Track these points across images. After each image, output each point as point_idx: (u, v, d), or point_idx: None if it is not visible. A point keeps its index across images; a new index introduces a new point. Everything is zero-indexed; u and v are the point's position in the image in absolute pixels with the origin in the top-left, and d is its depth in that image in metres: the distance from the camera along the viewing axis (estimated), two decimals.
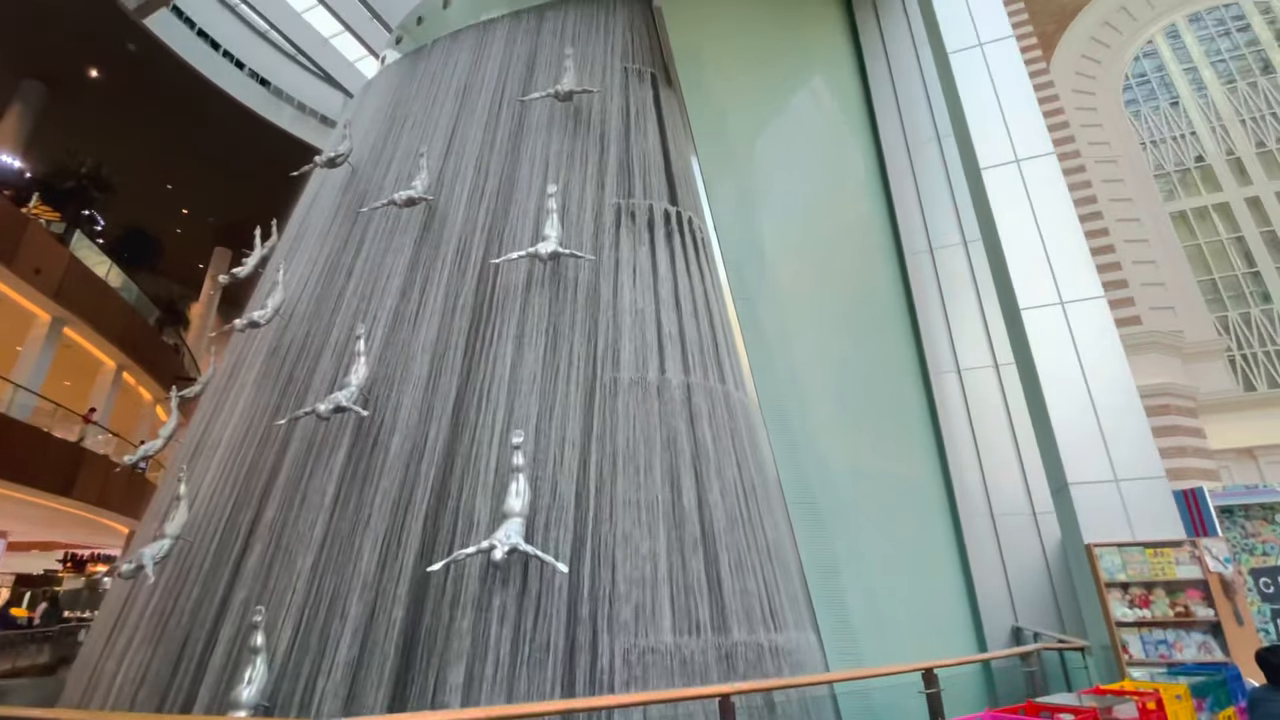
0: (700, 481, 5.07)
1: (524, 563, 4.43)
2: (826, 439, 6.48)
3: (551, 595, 4.38)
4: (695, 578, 4.66)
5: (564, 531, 4.63)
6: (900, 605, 6.07)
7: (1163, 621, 4.27)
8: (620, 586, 4.48)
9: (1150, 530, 4.67)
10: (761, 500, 5.33)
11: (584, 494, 4.84)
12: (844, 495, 6.39)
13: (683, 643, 4.41)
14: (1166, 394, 8.53)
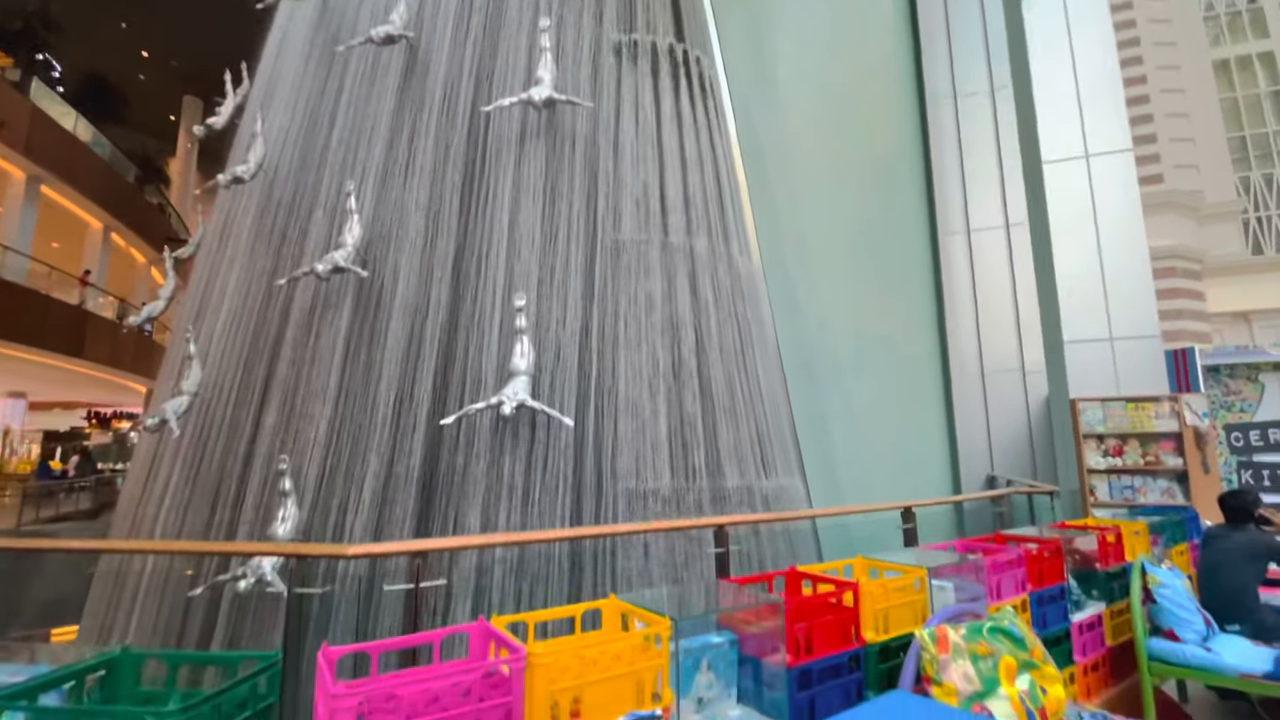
0: (700, 344, 5.17)
1: (531, 417, 4.65)
2: (828, 301, 6.50)
3: (558, 446, 4.65)
4: (692, 432, 4.92)
5: (568, 389, 4.80)
6: (885, 458, 6.44)
7: (1132, 469, 4.56)
8: (622, 438, 4.75)
9: (1136, 386, 4.83)
10: (760, 362, 5.46)
11: (586, 355, 4.96)
12: (841, 356, 6.54)
13: (680, 486, 4.76)
14: (1175, 256, 8.41)
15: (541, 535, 3.59)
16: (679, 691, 1.75)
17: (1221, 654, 2.60)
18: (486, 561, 4.20)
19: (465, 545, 3.67)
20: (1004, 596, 2.52)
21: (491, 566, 4.22)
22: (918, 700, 1.75)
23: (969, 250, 6.65)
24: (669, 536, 4.39)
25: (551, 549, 4.29)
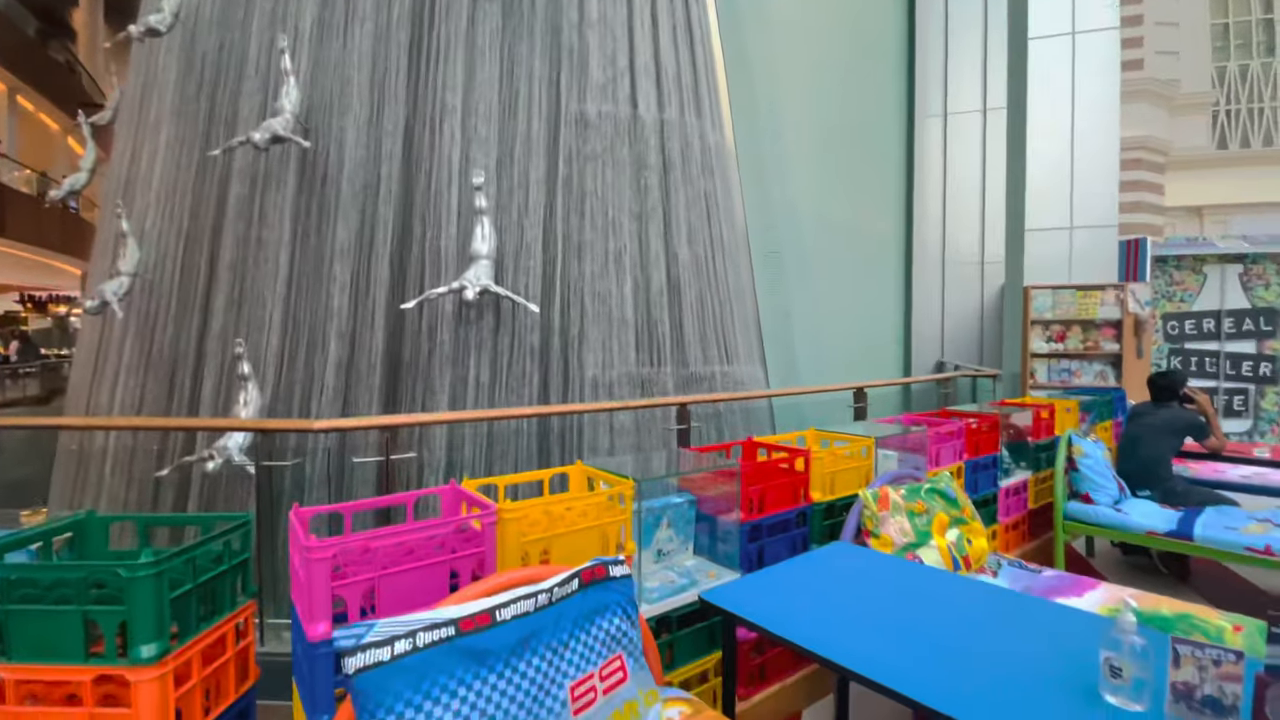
0: (669, 229, 5.06)
1: (496, 303, 4.59)
2: (800, 186, 6.36)
3: (524, 332, 4.63)
4: (659, 319, 4.94)
5: (533, 275, 4.71)
6: (842, 344, 6.63)
7: (1072, 354, 4.82)
8: (589, 325, 4.75)
9: (1087, 275, 5.00)
10: (728, 250, 5.41)
11: (551, 238, 4.82)
12: (808, 245, 6.52)
13: (646, 373, 4.85)
14: (1143, 147, 8.40)
15: (508, 412, 3.66)
16: (641, 544, 1.88)
17: (1130, 515, 2.91)
18: (457, 439, 4.29)
19: (432, 421, 3.73)
20: (942, 464, 2.72)
21: (462, 444, 4.32)
22: (856, 549, 1.92)
23: (944, 135, 6.50)
24: (635, 416, 4.53)
25: (521, 427, 4.39)
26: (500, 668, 1.12)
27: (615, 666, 1.28)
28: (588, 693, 1.21)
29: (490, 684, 1.10)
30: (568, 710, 1.17)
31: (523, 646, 1.16)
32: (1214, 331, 5.29)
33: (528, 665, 1.15)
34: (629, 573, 1.39)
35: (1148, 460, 3.22)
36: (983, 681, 1.19)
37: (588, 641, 1.25)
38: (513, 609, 1.20)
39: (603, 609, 1.31)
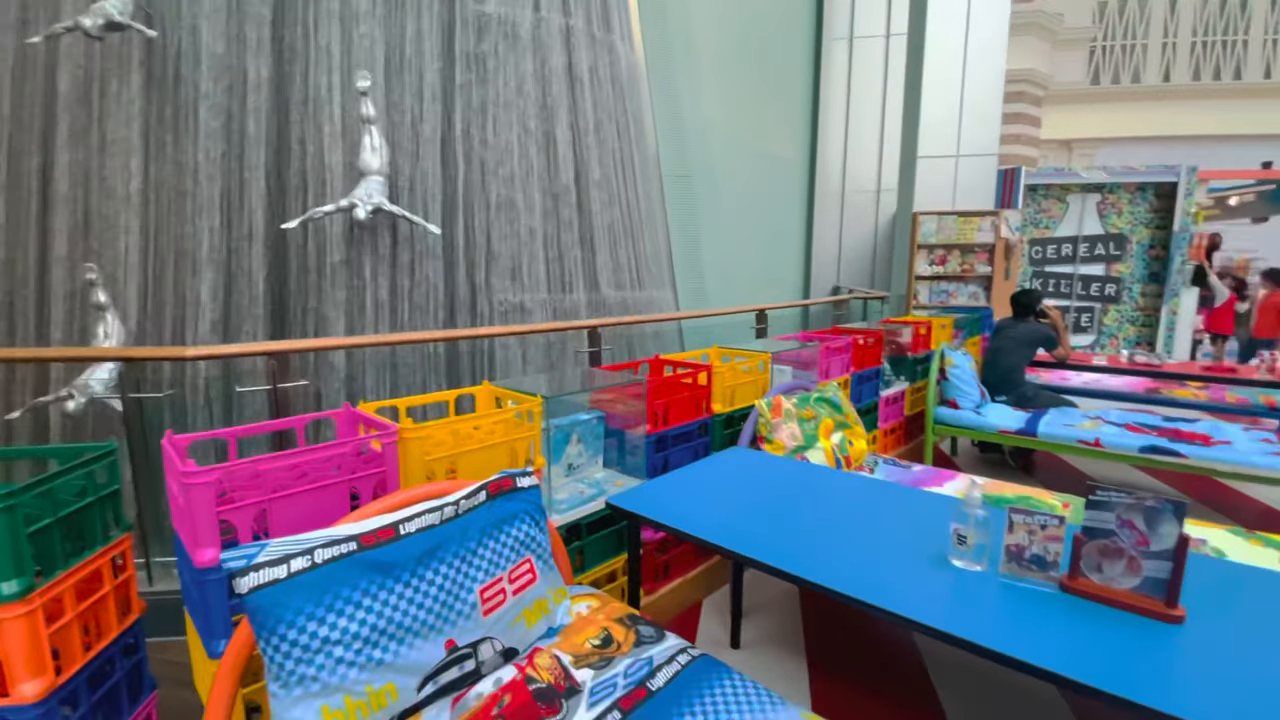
0: (578, 147, 4.86)
1: (392, 223, 4.29)
2: (710, 109, 6.28)
3: (426, 257, 4.38)
4: (570, 242, 4.82)
5: (432, 193, 4.42)
6: (748, 270, 6.82)
7: (950, 276, 5.23)
8: (496, 250, 4.56)
9: (969, 202, 5.36)
10: (640, 172, 5.30)
11: (451, 154, 4.50)
12: (717, 169, 6.52)
13: (557, 298, 4.77)
14: (1026, 80, 8.86)
15: (405, 337, 3.53)
16: (550, 459, 1.92)
17: (987, 417, 3.29)
18: (357, 367, 4.09)
19: (320, 346, 3.52)
20: (832, 376, 2.92)
21: (363, 373, 4.13)
22: (751, 453, 2.06)
23: (849, 60, 6.56)
24: (547, 340, 4.50)
25: (428, 354, 4.24)
26: (406, 577, 1.14)
27: (525, 569, 1.34)
28: (497, 595, 1.26)
29: (397, 593, 1.12)
30: (477, 611, 1.22)
31: (429, 556, 1.18)
32: (1071, 255, 5.89)
33: (435, 574, 1.17)
34: (536, 483, 1.42)
35: (1006, 369, 3.62)
36: (854, 557, 1.35)
37: (496, 548, 1.29)
38: (417, 523, 1.20)
39: (511, 517, 1.34)
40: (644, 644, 1.32)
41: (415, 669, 1.11)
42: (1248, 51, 8.88)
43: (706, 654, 1.31)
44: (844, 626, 2.16)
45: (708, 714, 1.13)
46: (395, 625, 1.10)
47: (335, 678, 1.02)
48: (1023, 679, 1.90)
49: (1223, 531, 1.85)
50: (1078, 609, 1.12)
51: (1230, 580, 1.28)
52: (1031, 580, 1.18)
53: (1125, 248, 5.69)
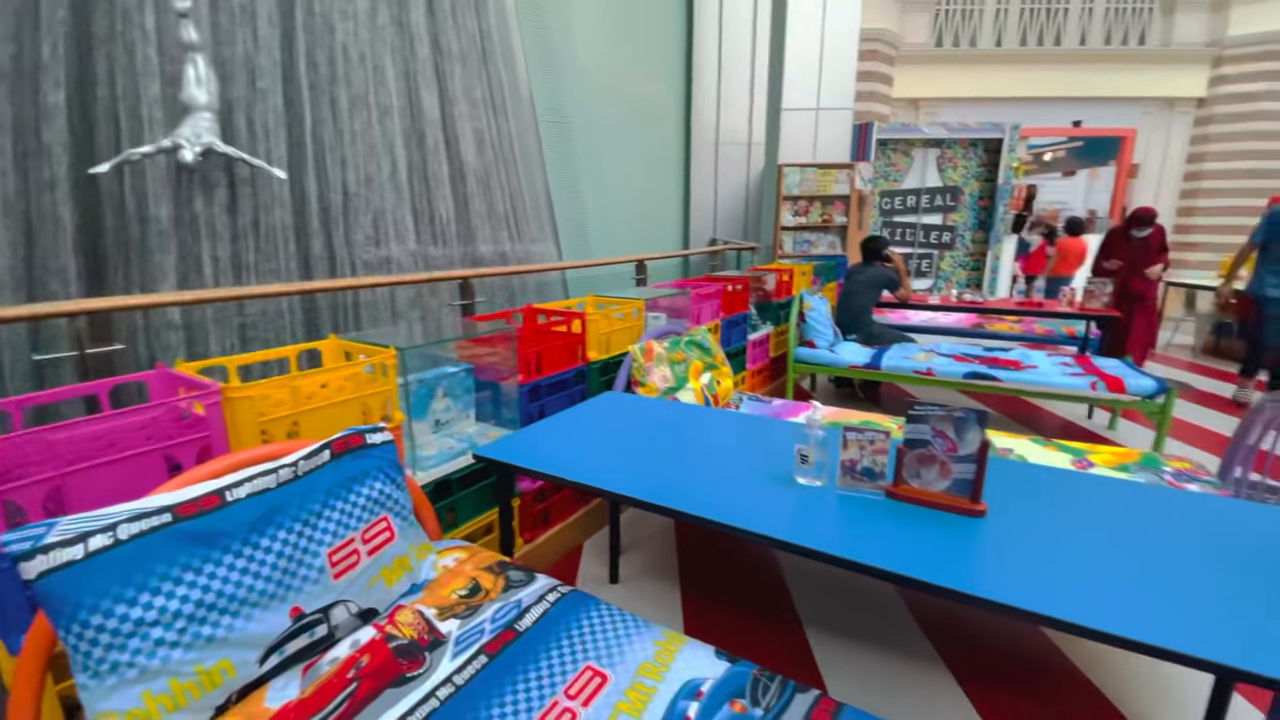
0: (445, 86, 4.49)
1: (227, 166, 3.77)
2: (585, 54, 6.06)
3: (272, 207, 3.91)
4: (440, 193, 4.51)
5: (275, 133, 3.91)
6: (630, 222, 6.81)
7: (811, 226, 5.54)
8: (356, 200, 4.16)
9: (828, 155, 5.65)
10: (513, 116, 5.02)
11: (295, 90, 4.00)
12: (594, 115, 6.36)
13: (429, 251, 4.48)
14: (879, 40, 9.35)
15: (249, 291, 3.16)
16: (412, 414, 1.84)
17: (840, 354, 3.57)
18: (199, 332, 3.62)
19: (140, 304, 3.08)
20: (703, 321, 3.02)
21: (206, 338, 3.67)
22: (623, 396, 2.09)
23: (720, 12, 6.57)
24: (417, 295, 4.23)
25: (282, 314, 3.84)
26: (237, 547, 1.04)
27: (381, 528, 1.27)
28: (349, 556, 1.19)
29: (226, 564, 1.02)
30: (326, 575, 1.15)
31: (264, 523, 1.08)
32: (915, 206, 6.44)
33: (272, 540, 1.08)
34: (390, 439, 1.35)
35: (856, 310, 3.94)
36: (714, 485, 1.42)
37: (345, 509, 1.21)
38: (248, 488, 1.10)
39: (362, 476, 1.27)
40: (513, 588, 1.32)
41: (255, 642, 1.03)
42: (1067, 20, 9.88)
43: (577, 590, 1.33)
44: (715, 553, 2.31)
45: (574, 645, 1.16)
46: (227, 599, 1.01)
47: (155, 661, 0.93)
48: (866, 582, 2.14)
49: (1026, 440, 2.15)
50: (901, 512, 1.26)
51: (1024, 478, 1.50)
52: (863, 490, 1.31)
53: (959, 199, 6.32)
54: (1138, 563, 1.11)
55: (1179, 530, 1.23)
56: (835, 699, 1.04)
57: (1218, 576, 1.06)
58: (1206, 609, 0.96)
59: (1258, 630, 0.91)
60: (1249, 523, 1.25)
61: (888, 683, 1.70)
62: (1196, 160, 9.43)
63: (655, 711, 1.01)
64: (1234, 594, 1.01)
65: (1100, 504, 1.35)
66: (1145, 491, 1.43)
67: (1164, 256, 4.43)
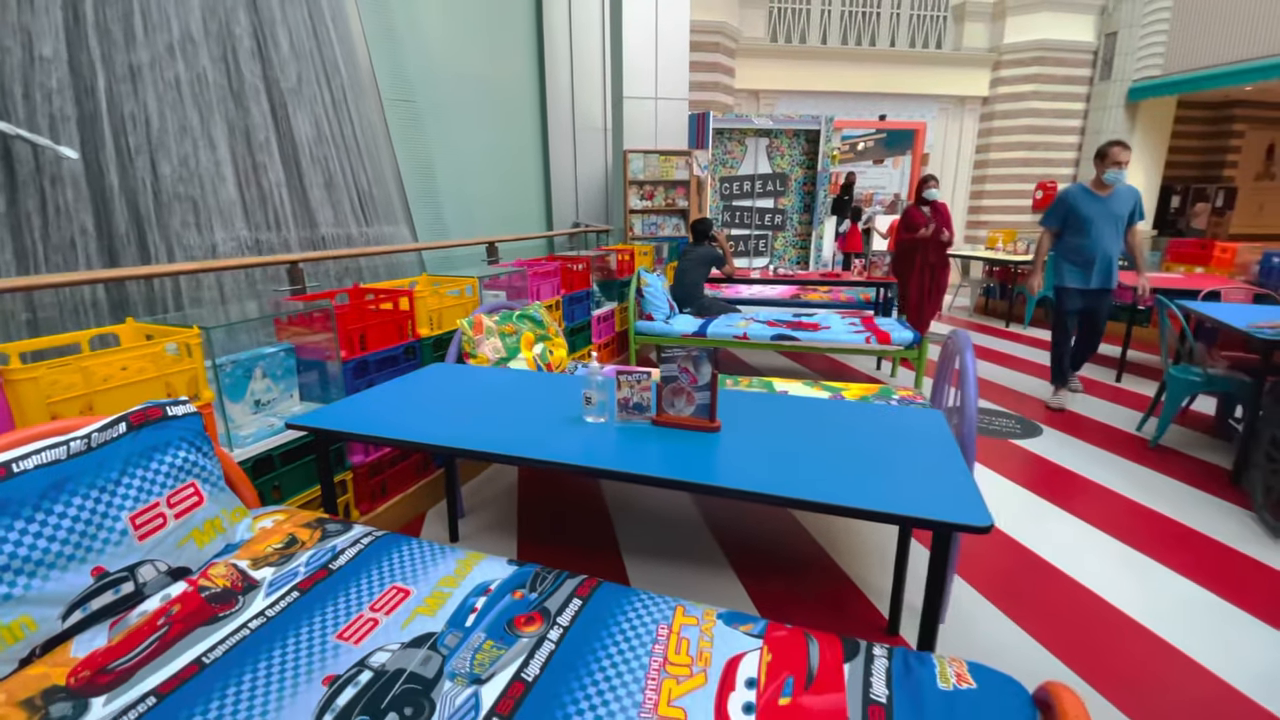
0: (268, 58, 4.22)
1: (4, 147, 3.34)
2: (430, 35, 5.92)
3: (64, 189, 3.50)
4: (271, 174, 4.25)
5: (62, 109, 3.50)
6: (489, 205, 6.79)
7: (657, 209, 5.91)
8: (168, 181, 3.82)
9: (668, 141, 6.03)
10: (350, 92, 4.82)
11: (84, 58, 3.58)
12: (444, 95, 6.25)
13: (262, 236, 4.22)
14: (720, 33, 9.93)
15: (57, 279, 2.91)
16: (229, 395, 1.87)
17: (673, 325, 3.93)
18: None
19: None
20: (542, 298, 3.22)
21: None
22: (452, 366, 2.24)
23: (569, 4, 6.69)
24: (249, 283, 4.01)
25: (81, 304, 3.50)
26: (29, 513, 1.09)
27: (188, 494, 1.35)
28: (154, 519, 1.26)
29: (19, 530, 1.07)
30: (130, 537, 1.22)
31: (57, 491, 1.14)
32: (750, 191, 7.04)
33: (66, 507, 1.14)
34: (194, 411, 1.42)
35: (688, 285, 4.33)
36: (522, 428, 1.62)
37: (147, 476, 1.28)
38: (36, 459, 1.14)
39: (163, 445, 1.33)
40: (329, 537, 1.45)
41: (55, 599, 1.09)
42: (879, 23, 11.01)
43: (390, 533, 1.49)
44: (551, 504, 2.54)
45: (383, 573, 1.32)
46: (21, 560, 1.06)
47: None
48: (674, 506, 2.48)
49: (800, 384, 2.58)
50: (663, 435, 1.55)
51: (750, 403, 1.86)
52: (635, 421, 1.58)
53: (786, 184, 7.00)
54: (831, 454, 1.47)
55: (869, 431, 1.63)
56: (598, 578, 1.30)
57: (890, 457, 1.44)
58: (885, 481, 1.32)
59: (917, 493, 1.27)
60: (914, 422, 1.68)
61: (683, 581, 2.03)
62: (983, 150, 11.05)
63: (449, 609, 1.21)
64: (900, 469, 1.38)
65: (808, 418, 1.73)
66: (844, 406, 1.83)
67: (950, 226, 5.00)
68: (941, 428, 1.62)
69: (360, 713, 0.97)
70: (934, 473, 1.36)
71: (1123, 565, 2.16)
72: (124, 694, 1.01)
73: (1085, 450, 3.16)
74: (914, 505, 1.20)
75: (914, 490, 1.27)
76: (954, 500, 1.22)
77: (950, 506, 1.19)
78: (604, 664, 1.06)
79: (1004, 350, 5.33)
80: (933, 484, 1.30)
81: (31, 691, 0.99)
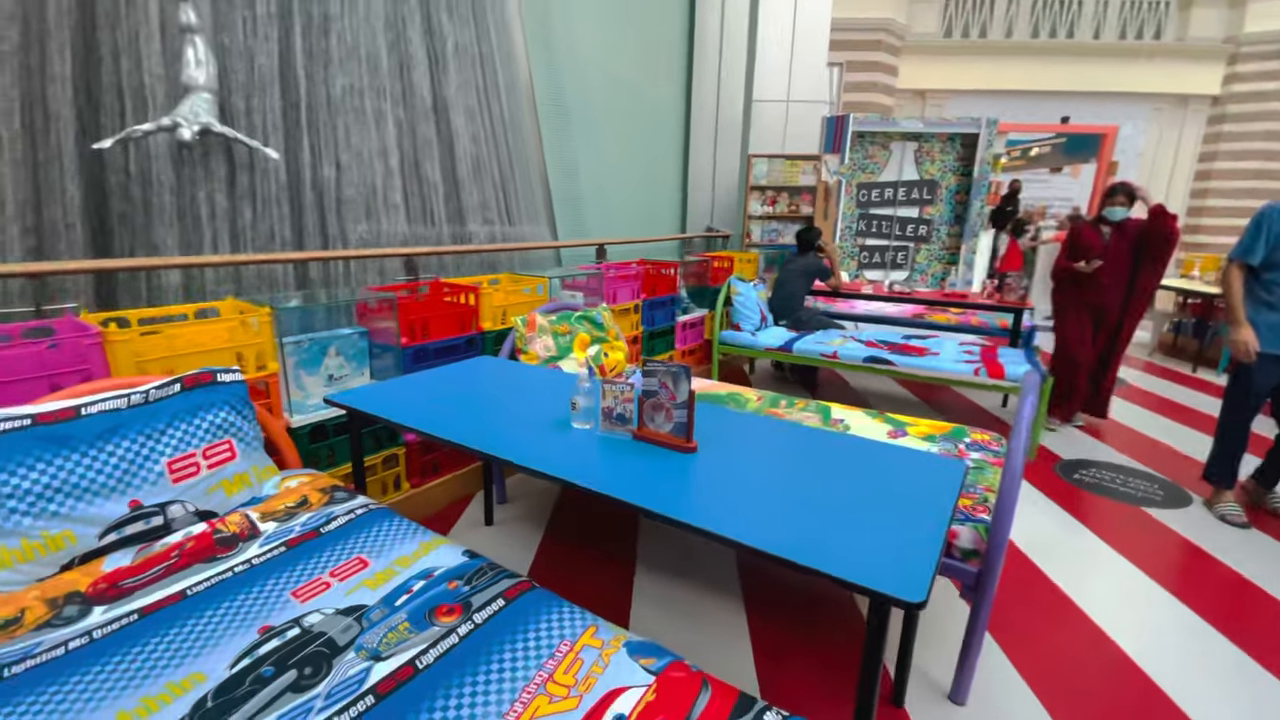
0: (436, 71, 4.76)
1: (226, 147, 4.12)
2: (584, 37, 6.25)
3: (269, 184, 4.25)
4: (430, 175, 4.78)
5: (271, 115, 4.24)
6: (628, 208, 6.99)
7: (778, 216, 5.70)
8: (347, 179, 4.48)
9: (798, 146, 5.79)
10: (507, 99, 5.27)
11: (291, 74, 4.31)
12: (593, 101, 6.58)
13: (418, 231, 4.77)
14: (884, 30, 9.32)
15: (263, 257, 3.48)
16: (305, 368, 2.14)
17: (760, 337, 3.78)
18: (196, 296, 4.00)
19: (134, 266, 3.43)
20: (620, 300, 3.27)
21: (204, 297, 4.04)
22: (496, 360, 2.36)
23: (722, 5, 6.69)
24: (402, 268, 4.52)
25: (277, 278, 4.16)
26: (85, 449, 1.36)
27: (223, 449, 1.58)
28: (188, 467, 1.50)
29: (75, 460, 1.34)
30: (165, 479, 1.46)
31: (111, 433, 1.40)
32: (892, 198, 6.51)
33: (116, 447, 1.40)
34: (241, 379, 1.65)
35: (786, 297, 4.13)
36: (516, 428, 1.67)
37: (189, 429, 1.52)
38: (100, 405, 1.41)
39: (208, 406, 1.57)
40: (332, 504, 1.62)
41: (95, 520, 1.35)
42: (1081, 12, 9.69)
43: (383, 507, 1.62)
44: (585, 508, 2.58)
45: (358, 544, 1.45)
46: (71, 486, 1.32)
47: (9, 524, 1.25)
48: None
49: (859, 413, 2.36)
50: (642, 450, 1.51)
51: (743, 427, 1.73)
52: (618, 432, 1.56)
53: (936, 192, 6.37)
54: (802, 494, 1.33)
55: (859, 474, 1.44)
56: (532, 581, 1.31)
57: (865, 505, 1.27)
58: (838, 532, 1.17)
59: (866, 550, 1.12)
60: (919, 470, 1.46)
61: (684, 604, 1.96)
62: (1208, 159, 9.20)
63: (389, 586, 1.29)
64: (867, 520, 1.22)
65: (800, 451, 1.56)
66: (849, 443, 1.62)
67: (1163, 258, 3.35)
68: (950, 480, 1.40)
69: (271, 662, 1.08)
70: (899, 529, 1.18)
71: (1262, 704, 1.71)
72: (119, 607, 1.21)
73: (1247, 537, 2.53)
74: (848, 565, 1.05)
75: (865, 546, 1.12)
76: (899, 565, 1.05)
77: (889, 572, 1.03)
78: (492, 668, 1.08)
79: (1182, 400, 4.41)
80: (891, 542, 1.13)
81: (58, 593, 1.23)
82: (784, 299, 4.12)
